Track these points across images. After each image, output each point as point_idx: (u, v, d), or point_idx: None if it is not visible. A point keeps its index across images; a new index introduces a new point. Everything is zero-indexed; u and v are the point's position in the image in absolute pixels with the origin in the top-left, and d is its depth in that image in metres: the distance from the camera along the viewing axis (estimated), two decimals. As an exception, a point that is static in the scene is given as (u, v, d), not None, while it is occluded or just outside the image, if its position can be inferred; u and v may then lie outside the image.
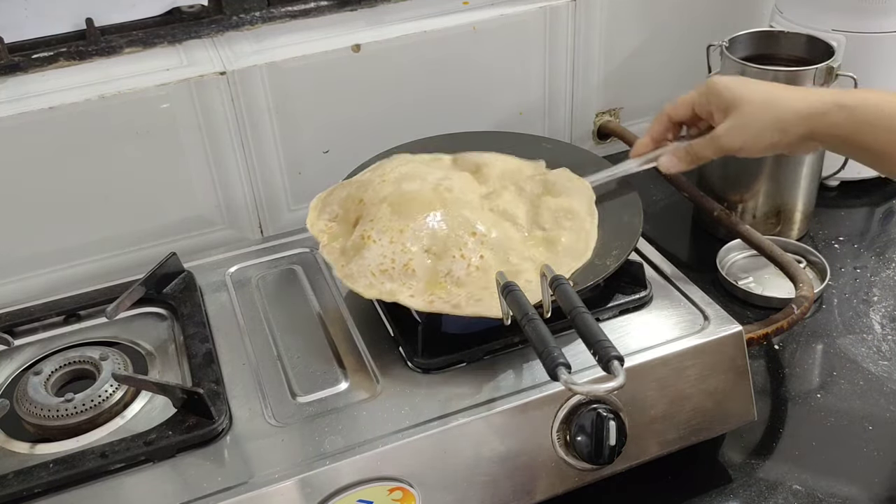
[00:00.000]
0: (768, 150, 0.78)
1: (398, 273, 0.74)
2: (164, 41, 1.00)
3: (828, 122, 0.74)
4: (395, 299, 0.72)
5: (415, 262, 0.75)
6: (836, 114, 0.73)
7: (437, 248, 0.75)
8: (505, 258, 0.76)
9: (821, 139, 0.76)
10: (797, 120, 0.75)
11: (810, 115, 0.74)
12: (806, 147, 0.78)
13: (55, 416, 0.70)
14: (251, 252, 0.91)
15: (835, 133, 0.74)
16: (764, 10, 1.19)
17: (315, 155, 1.03)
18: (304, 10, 1.06)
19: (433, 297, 0.73)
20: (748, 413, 0.76)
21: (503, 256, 0.76)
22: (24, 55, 0.95)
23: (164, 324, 0.83)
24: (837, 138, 0.75)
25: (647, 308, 0.78)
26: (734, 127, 0.77)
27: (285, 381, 0.73)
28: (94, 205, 0.94)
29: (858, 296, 0.96)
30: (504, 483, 0.68)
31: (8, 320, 0.82)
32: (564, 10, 1.09)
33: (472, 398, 0.69)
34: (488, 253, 0.76)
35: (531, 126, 1.13)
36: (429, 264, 0.75)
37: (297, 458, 0.65)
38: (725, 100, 0.78)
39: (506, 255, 0.76)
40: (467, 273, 0.74)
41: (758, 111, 0.76)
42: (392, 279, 0.74)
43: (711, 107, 0.80)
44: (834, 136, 0.75)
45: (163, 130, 0.93)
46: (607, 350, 0.61)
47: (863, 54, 1.02)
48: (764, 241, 0.93)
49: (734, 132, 0.78)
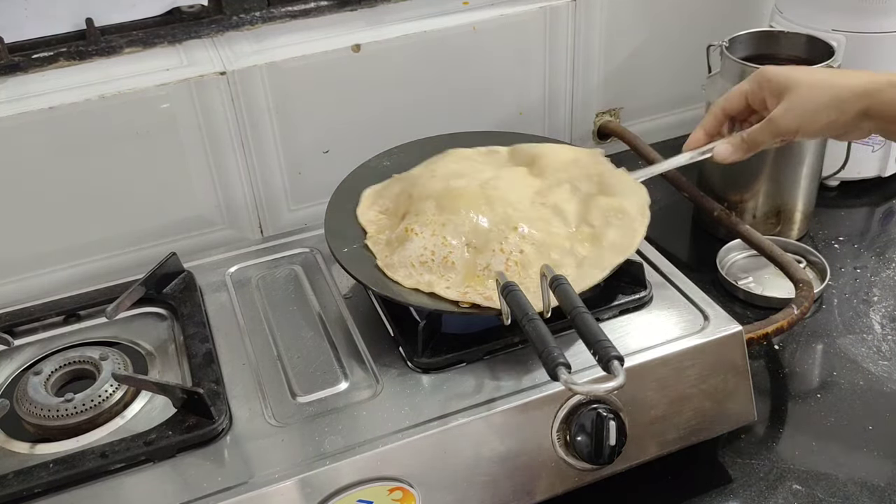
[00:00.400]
0: (825, 130, 0.78)
1: (437, 265, 0.76)
2: (164, 41, 1.00)
3: (883, 100, 0.73)
4: (433, 290, 0.74)
5: (454, 255, 0.76)
6: (891, 91, 0.73)
7: (478, 242, 0.76)
8: (546, 254, 0.76)
9: (877, 116, 0.75)
10: (853, 98, 0.74)
11: (866, 93, 0.74)
12: (860, 129, 0.77)
13: (55, 416, 0.70)
14: (251, 252, 0.91)
15: (891, 111, 0.74)
16: (764, 10, 1.19)
17: (315, 155, 1.03)
18: (304, 10, 1.06)
19: (468, 290, 0.74)
20: (748, 413, 0.76)
21: (545, 252, 0.76)
22: (24, 55, 0.95)
23: (164, 324, 0.83)
24: (893, 115, 0.74)
25: (647, 308, 0.78)
26: (790, 109, 0.77)
27: (285, 381, 0.73)
28: (94, 205, 0.94)
29: (858, 296, 0.96)
30: (504, 483, 0.68)
31: (8, 320, 0.82)
32: (564, 10, 1.09)
33: (472, 398, 0.69)
34: (529, 248, 0.76)
35: (531, 126, 1.13)
36: (468, 258, 0.76)
37: (297, 458, 0.65)
38: (779, 84, 0.77)
39: (548, 251, 0.76)
40: (506, 267, 0.75)
41: (814, 92, 0.76)
42: (431, 271, 0.76)
43: (765, 93, 0.79)
44: (890, 113, 0.74)
45: (163, 130, 0.93)
46: (607, 350, 0.61)
47: (863, 54, 1.02)
48: (764, 241, 0.93)
49: (790, 114, 0.77)
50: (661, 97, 1.23)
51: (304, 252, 0.91)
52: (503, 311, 0.69)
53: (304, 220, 1.03)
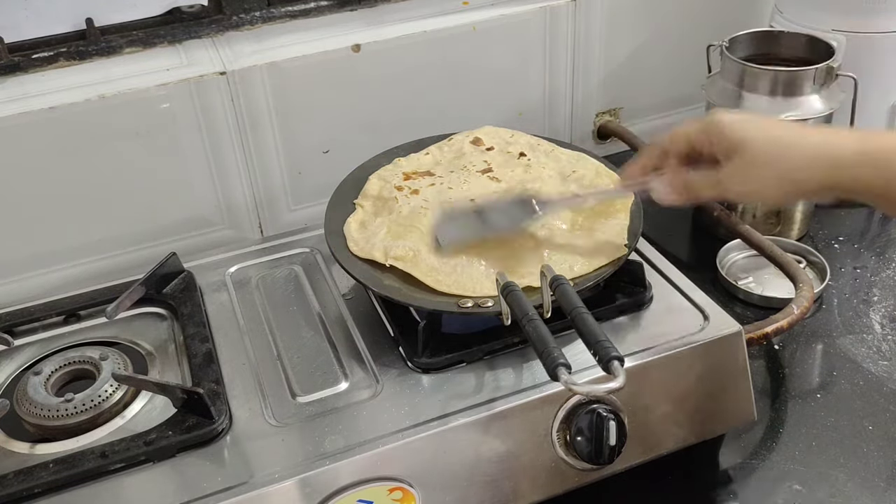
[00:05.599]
0: (781, 200, 0.70)
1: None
2: (164, 41, 1.00)
3: (853, 176, 0.64)
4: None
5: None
6: (863, 167, 0.63)
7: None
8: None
9: (845, 190, 0.66)
10: (812, 172, 0.65)
11: (831, 167, 0.64)
12: (823, 197, 0.70)
13: (55, 416, 0.70)
14: (251, 252, 0.91)
15: (863, 189, 0.64)
16: (764, 10, 1.19)
17: (315, 155, 1.03)
18: (304, 10, 1.06)
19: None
20: (748, 413, 0.76)
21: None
22: (24, 55, 0.95)
23: (164, 324, 0.83)
24: (868, 193, 0.65)
25: (647, 308, 0.78)
26: (738, 173, 0.67)
27: (285, 381, 0.73)
28: (94, 205, 0.94)
29: (858, 296, 0.96)
30: (504, 483, 0.68)
31: (8, 320, 0.82)
32: (564, 10, 1.09)
33: (472, 398, 0.69)
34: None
35: (531, 126, 1.13)
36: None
37: (297, 458, 0.65)
38: (729, 140, 0.67)
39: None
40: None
41: (765, 159, 0.66)
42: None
43: (713, 147, 0.69)
44: (862, 191, 0.65)
45: (163, 130, 0.93)
46: (607, 350, 0.61)
47: (863, 54, 1.02)
48: (764, 241, 0.93)
49: (738, 179, 0.68)
50: (661, 97, 1.23)
51: (304, 252, 0.91)
52: (503, 311, 0.69)
53: (304, 220, 1.03)
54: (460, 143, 0.92)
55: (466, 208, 0.80)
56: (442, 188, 0.84)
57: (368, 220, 0.83)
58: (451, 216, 0.79)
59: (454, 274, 0.75)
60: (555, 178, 0.85)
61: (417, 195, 0.84)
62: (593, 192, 0.83)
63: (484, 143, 0.92)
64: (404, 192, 0.84)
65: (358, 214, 0.84)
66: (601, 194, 0.82)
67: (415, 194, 0.84)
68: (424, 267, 0.76)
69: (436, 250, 0.76)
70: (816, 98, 0.95)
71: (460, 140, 0.93)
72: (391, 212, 0.82)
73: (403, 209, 0.82)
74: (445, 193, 0.83)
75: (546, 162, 0.88)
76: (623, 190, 0.79)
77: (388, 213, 0.82)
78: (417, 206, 0.82)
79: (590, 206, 0.81)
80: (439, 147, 0.93)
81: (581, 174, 0.85)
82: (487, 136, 0.93)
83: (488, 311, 0.72)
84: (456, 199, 0.82)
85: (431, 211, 0.81)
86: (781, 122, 0.70)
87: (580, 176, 0.85)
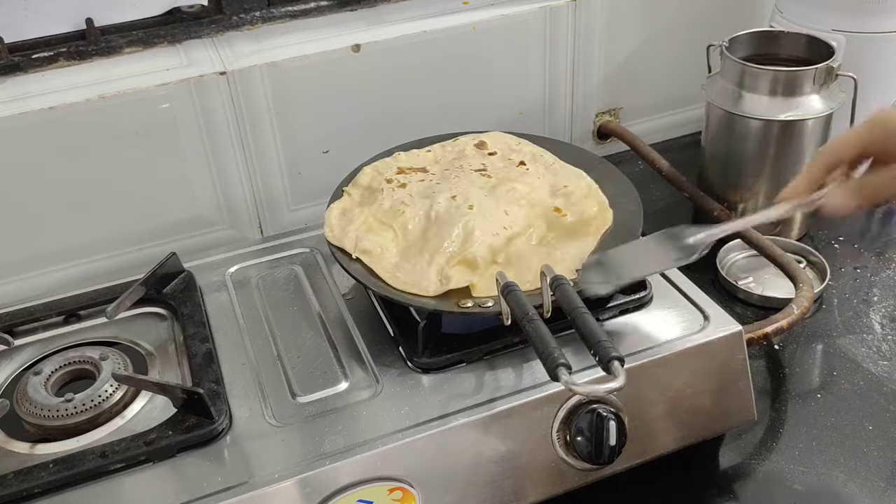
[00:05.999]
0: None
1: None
2: (164, 41, 1.00)
3: None
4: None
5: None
6: None
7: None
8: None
9: None
10: None
11: None
12: None
13: (55, 416, 0.70)
14: (251, 252, 0.91)
15: None
16: (764, 10, 1.19)
17: (315, 155, 1.03)
18: (304, 10, 1.06)
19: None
20: (748, 413, 0.76)
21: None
22: (24, 55, 0.95)
23: (164, 324, 0.83)
24: None
25: (647, 308, 0.78)
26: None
27: (285, 381, 0.73)
28: (94, 205, 0.94)
29: (858, 296, 0.96)
30: (504, 483, 0.68)
31: (8, 320, 0.82)
32: (564, 10, 1.09)
33: (472, 398, 0.69)
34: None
35: (531, 126, 1.13)
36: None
37: (297, 458, 0.65)
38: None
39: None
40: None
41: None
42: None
43: (888, 145, 0.66)
44: None
45: (163, 130, 0.93)
46: (607, 350, 0.61)
47: (863, 54, 1.02)
48: (764, 241, 0.93)
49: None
50: (660, 97, 1.23)
51: (304, 252, 0.91)
52: (503, 311, 0.69)
53: (304, 220, 1.03)
54: (464, 144, 0.92)
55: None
56: (430, 184, 0.85)
57: (350, 209, 0.83)
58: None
59: (413, 273, 0.76)
60: (544, 189, 0.85)
61: (404, 189, 0.84)
62: (754, 217, 0.76)
63: (488, 146, 0.91)
64: (392, 185, 0.84)
65: (343, 202, 0.85)
66: (763, 217, 0.74)
67: (402, 188, 0.84)
68: (387, 264, 0.77)
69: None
70: (816, 98, 0.95)
71: (465, 141, 0.93)
72: (374, 203, 0.82)
73: (385, 203, 0.82)
74: (432, 189, 0.83)
75: (543, 173, 0.88)
76: (790, 211, 0.74)
77: (371, 205, 0.83)
78: (399, 200, 0.82)
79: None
80: (442, 146, 0.93)
81: (570, 190, 0.85)
82: (493, 140, 0.93)
83: (488, 311, 0.72)
84: (440, 195, 0.82)
85: (411, 208, 0.81)
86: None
87: (569, 192, 0.85)
